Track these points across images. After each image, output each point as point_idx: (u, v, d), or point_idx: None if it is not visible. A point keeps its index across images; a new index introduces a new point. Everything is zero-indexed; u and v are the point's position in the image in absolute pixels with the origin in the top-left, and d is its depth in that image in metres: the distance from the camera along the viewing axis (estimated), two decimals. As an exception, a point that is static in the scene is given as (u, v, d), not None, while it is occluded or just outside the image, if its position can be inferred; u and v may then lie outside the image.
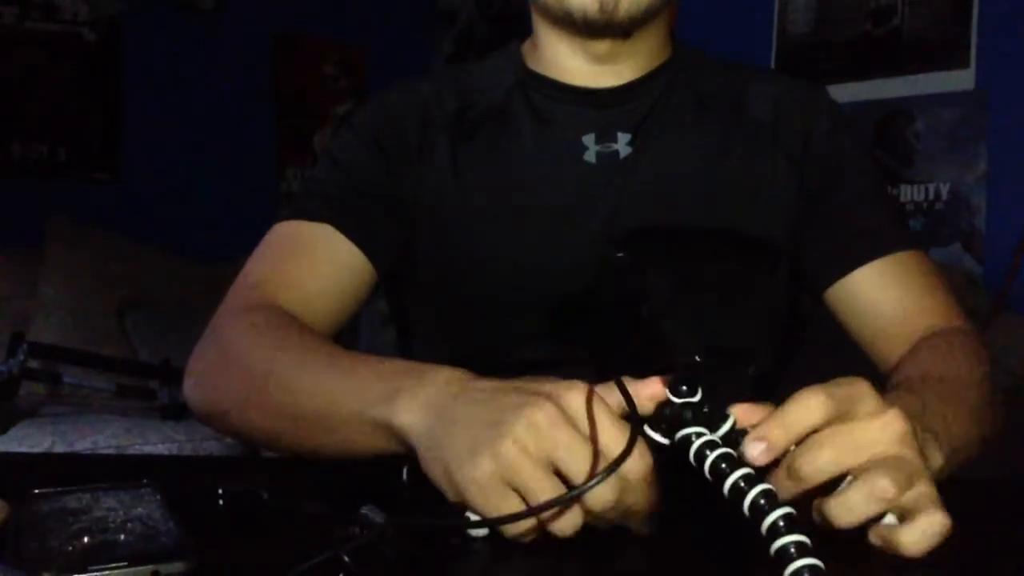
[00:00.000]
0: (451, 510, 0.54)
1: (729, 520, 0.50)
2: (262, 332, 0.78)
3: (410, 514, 0.52)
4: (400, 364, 0.66)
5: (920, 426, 0.60)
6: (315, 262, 0.87)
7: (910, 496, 0.53)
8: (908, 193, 2.65)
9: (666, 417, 0.54)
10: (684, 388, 0.53)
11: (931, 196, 2.61)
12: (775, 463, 0.54)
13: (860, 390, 0.55)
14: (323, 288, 0.86)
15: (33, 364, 2.36)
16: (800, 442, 0.53)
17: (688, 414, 0.53)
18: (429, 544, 0.53)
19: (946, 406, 0.68)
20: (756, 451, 0.52)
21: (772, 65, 2.83)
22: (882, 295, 0.88)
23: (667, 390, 0.54)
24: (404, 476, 0.64)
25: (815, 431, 0.53)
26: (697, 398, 0.54)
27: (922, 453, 0.57)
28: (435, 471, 0.56)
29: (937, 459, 0.61)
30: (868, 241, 0.90)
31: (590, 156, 0.89)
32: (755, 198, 0.91)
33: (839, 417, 0.54)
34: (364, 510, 0.51)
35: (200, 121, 3.25)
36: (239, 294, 0.86)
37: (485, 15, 3.74)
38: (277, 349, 0.75)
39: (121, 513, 0.52)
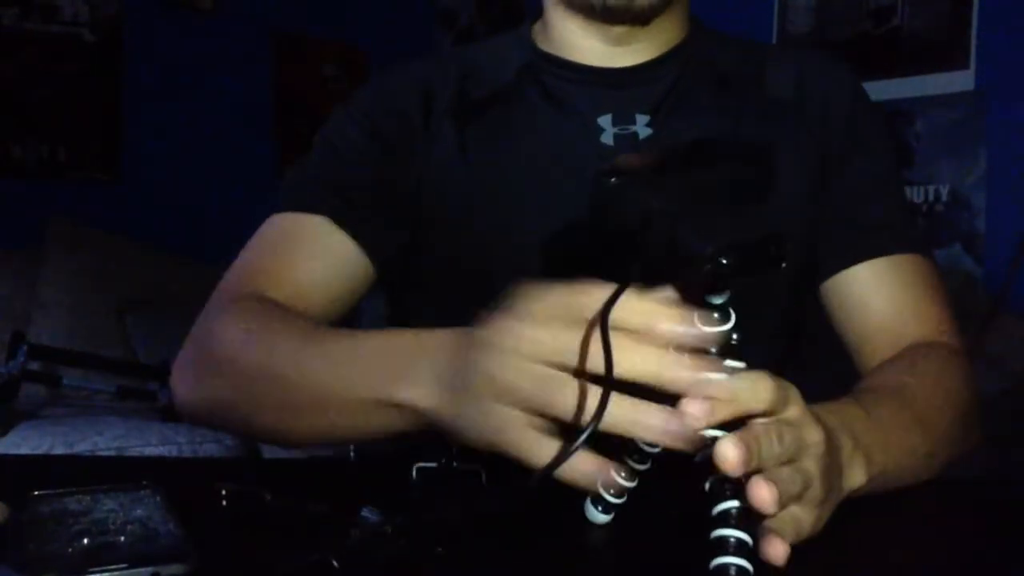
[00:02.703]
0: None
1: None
2: (250, 325, 0.76)
3: (410, 515, 0.52)
4: (396, 339, 0.63)
5: (852, 441, 0.59)
6: (309, 255, 0.84)
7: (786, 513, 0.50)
8: (908, 194, 2.64)
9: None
10: (716, 316, 0.49)
11: (931, 197, 2.61)
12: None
13: (791, 395, 0.52)
14: (316, 282, 0.84)
15: (33, 366, 2.36)
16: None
17: (713, 350, 0.49)
18: (426, 547, 0.52)
19: (895, 422, 0.66)
20: (697, 410, 0.47)
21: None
22: (874, 297, 0.84)
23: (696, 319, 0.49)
24: (414, 475, 0.64)
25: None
26: (730, 324, 0.50)
27: (841, 469, 0.56)
28: (470, 441, 0.54)
29: (859, 477, 0.59)
30: (869, 238, 0.86)
31: (607, 138, 0.86)
32: (779, 189, 0.86)
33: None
34: (364, 511, 0.51)
35: (200, 121, 3.25)
36: (228, 287, 0.84)
37: (485, 15, 3.74)
38: (269, 343, 0.72)
39: (121, 515, 0.52)
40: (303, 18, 3.55)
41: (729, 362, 0.51)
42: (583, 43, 0.89)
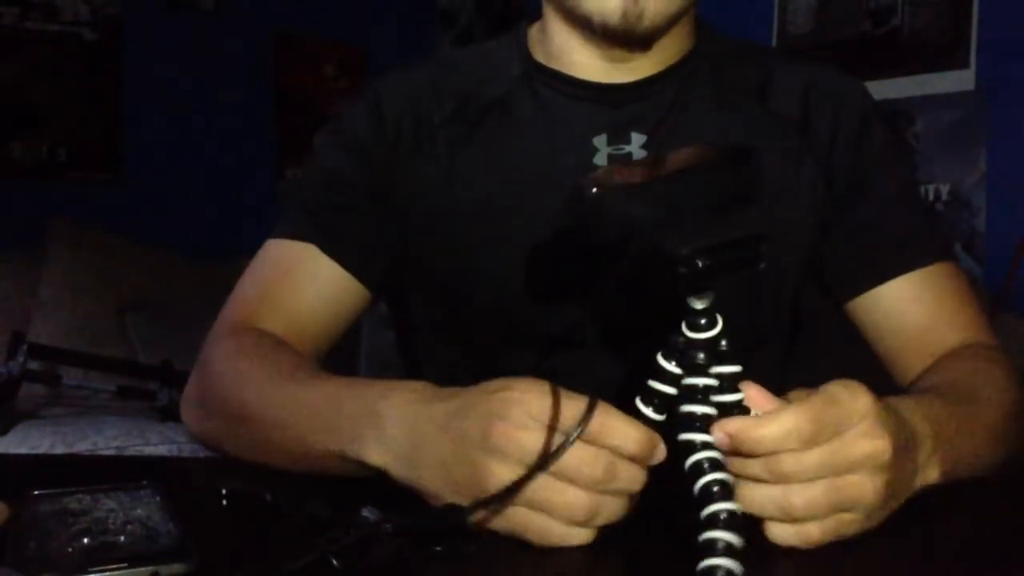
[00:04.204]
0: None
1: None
2: (241, 364, 0.78)
3: (407, 514, 0.52)
4: (359, 394, 0.65)
5: (933, 440, 0.60)
6: (300, 285, 0.86)
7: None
8: (908, 193, 2.64)
9: (678, 352, 0.52)
10: (702, 322, 0.51)
11: (931, 197, 2.61)
12: None
13: (858, 407, 0.53)
14: (310, 310, 0.85)
15: (33, 365, 2.35)
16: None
17: (701, 355, 0.51)
18: (424, 545, 0.52)
19: (962, 418, 0.67)
20: (720, 440, 0.51)
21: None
22: (907, 311, 0.85)
23: (683, 325, 0.52)
24: None
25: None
26: (716, 330, 0.51)
27: (917, 467, 0.58)
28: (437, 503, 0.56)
29: (933, 474, 0.61)
30: (896, 254, 0.86)
31: (600, 159, 0.84)
32: (779, 205, 0.85)
33: (827, 433, 0.52)
34: (364, 511, 0.51)
35: (200, 121, 3.25)
36: (228, 318, 0.86)
37: (485, 16, 3.74)
38: (253, 385, 0.75)
39: (121, 514, 0.52)
40: (303, 18, 3.55)
41: (719, 368, 0.52)
42: (581, 57, 0.86)
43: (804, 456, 0.51)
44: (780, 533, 0.53)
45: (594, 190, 0.52)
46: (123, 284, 2.77)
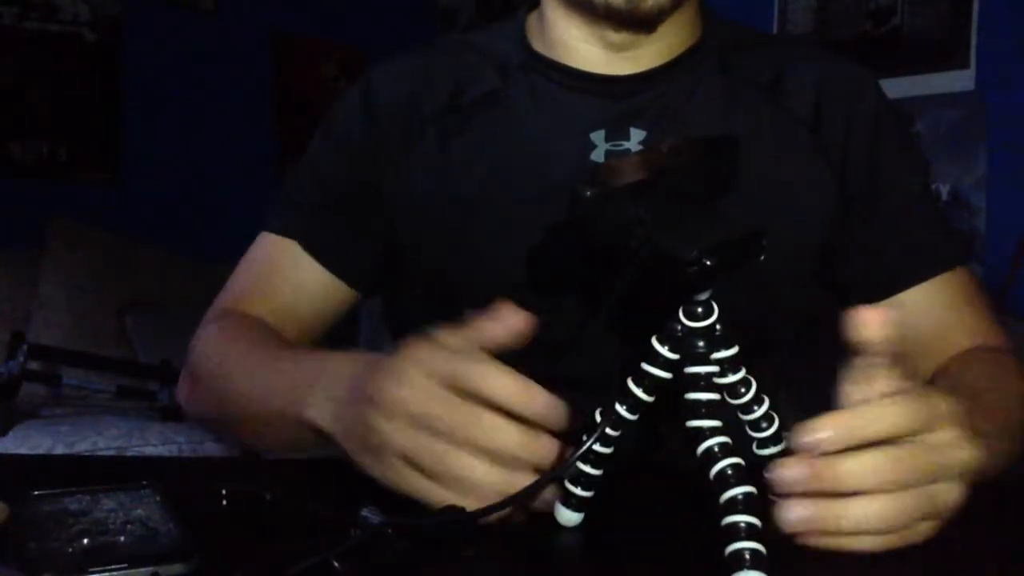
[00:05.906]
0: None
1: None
2: (222, 346, 0.83)
3: (408, 515, 0.52)
4: (303, 360, 0.70)
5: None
6: (282, 281, 0.88)
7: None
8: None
9: (676, 340, 0.53)
10: (700, 311, 0.52)
11: (931, 196, 2.61)
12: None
13: (945, 410, 0.52)
14: (290, 306, 0.88)
15: (33, 365, 2.36)
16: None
17: (701, 343, 0.52)
18: (426, 546, 0.52)
19: (980, 415, 0.66)
20: (820, 435, 0.49)
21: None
22: (922, 316, 0.84)
23: (681, 314, 0.53)
24: None
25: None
26: (713, 317, 0.52)
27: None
28: (360, 466, 0.58)
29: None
30: (913, 261, 0.84)
31: (598, 155, 0.81)
32: (787, 209, 0.83)
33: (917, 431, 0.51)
34: (365, 512, 0.51)
35: (200, 121, 3.25)
36: (216, 305, 0.90)
37: (485, 16, 3.74)
38: (228, 362, 0.80)
39: (121, 514, 0.52)
40: (303, 18, 3.55)
41: (717, 354, 0.53)
42: (581, 47, 0.83)
43: (899, 462, 0.50)
44: (857, 543, 0.51)
45: (588, 193, 0.53)
46: (123, 284, 2.77)
